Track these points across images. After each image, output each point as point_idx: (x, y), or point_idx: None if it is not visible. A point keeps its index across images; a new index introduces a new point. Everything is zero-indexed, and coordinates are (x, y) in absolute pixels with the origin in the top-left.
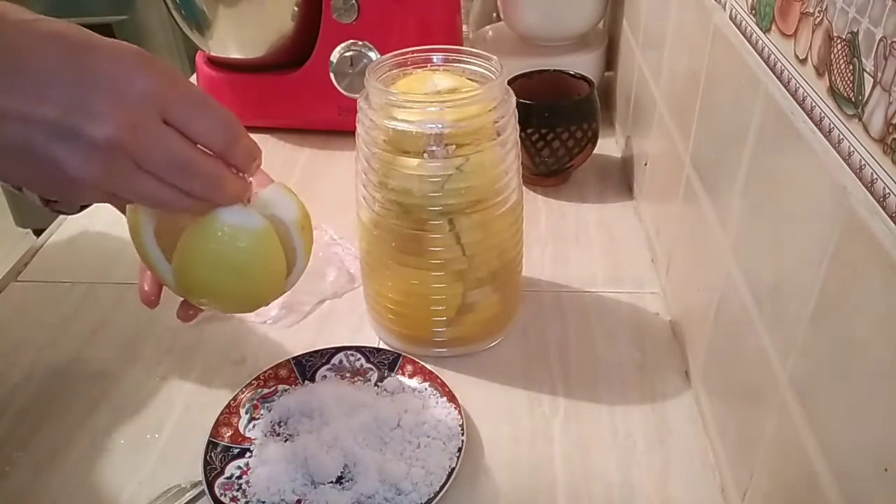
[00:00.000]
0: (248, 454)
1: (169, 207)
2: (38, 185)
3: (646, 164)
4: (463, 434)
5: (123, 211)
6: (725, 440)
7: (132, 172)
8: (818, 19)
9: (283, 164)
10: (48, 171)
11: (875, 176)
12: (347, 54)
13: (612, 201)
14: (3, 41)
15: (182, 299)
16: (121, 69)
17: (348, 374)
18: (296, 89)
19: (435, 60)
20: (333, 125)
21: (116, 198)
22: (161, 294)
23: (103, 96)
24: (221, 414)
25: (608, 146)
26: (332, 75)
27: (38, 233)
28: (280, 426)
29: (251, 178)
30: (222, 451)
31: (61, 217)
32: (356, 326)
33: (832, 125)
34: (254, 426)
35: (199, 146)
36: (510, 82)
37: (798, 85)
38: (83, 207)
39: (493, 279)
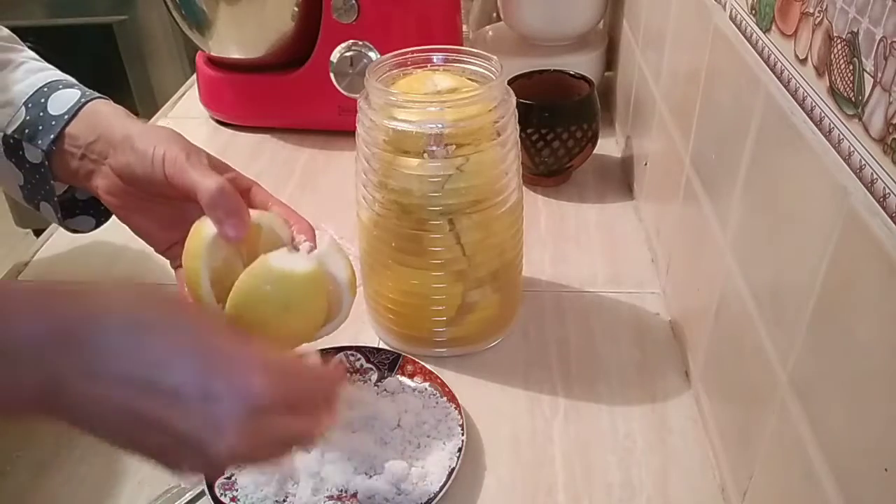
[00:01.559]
0: None
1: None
2: (156, 462)
3: (646, 164)
4: (463, 434)
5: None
6: (725, 440)
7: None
8: (818, 19)
9: (283, 164)
10: (168, 464)
11: (875, 176)
12: (347, 54)
13: (612, 201)
14: (146, 351)
15: None
16: (245, 382)
17: (348, 374)
18: (296, 89)
19: (435, 60)
20: (333, 125)
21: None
22: None
23: (229, 415)
24: None
25: (608, 146)
26: (332, 75)
27: (38, 233)
28: None
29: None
30: None
31: None
32: (356, 326)
33: (832, 125)
34: None
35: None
36: (510, 82)
37: (798, 85)
38: (99, 224)
39: (493, 279)
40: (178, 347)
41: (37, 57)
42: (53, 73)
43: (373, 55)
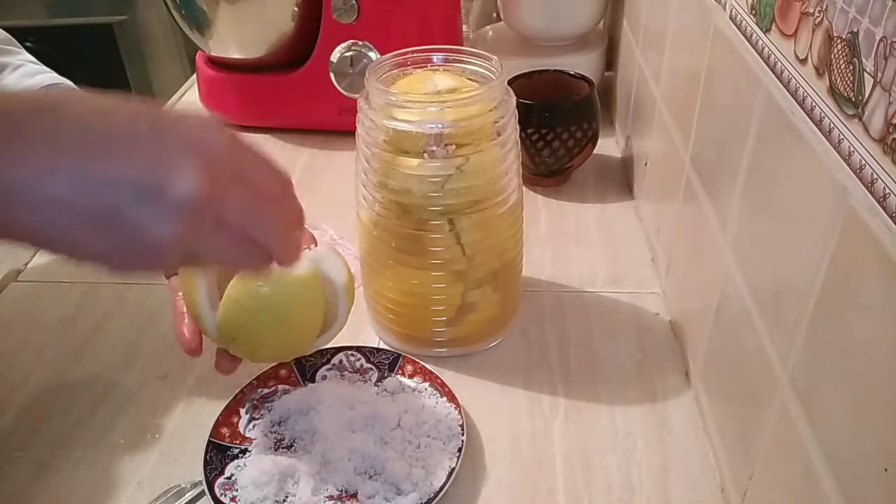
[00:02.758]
0: (248, 454)
1: (237, 265)
2: (115, 254)
3: (646, 164)
4: (463, 434)
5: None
6: (725, 440)
7: (211, 229)
8: (818, 19)
9: (283, 164)
10: (129, 236)
11: (875, 176)
12: (347, 54)
13: (612, 201)
14: (83, 109)
15: (219, 354)
16: (194, 130)
17: (348, 374)
18: (296, 89)
19: (435, 60)
20: (333, 125)
21: (190, 260)
22: (203, 342)
23: (183, 153)
24: (221, 414)
25: (608, 146)
26: (332, 75)
27: None
28: (280, 426)
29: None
30: (222, 451)
31: None
32: (356, 326)
33: (832, 125)
34: (254, 426)
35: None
36: (510, 82)
37: (798, 85)
38: None
39: (493, 279)
40: (110, 104)
41: (33, 59)
42: (50, 76)
43: (373, 55)
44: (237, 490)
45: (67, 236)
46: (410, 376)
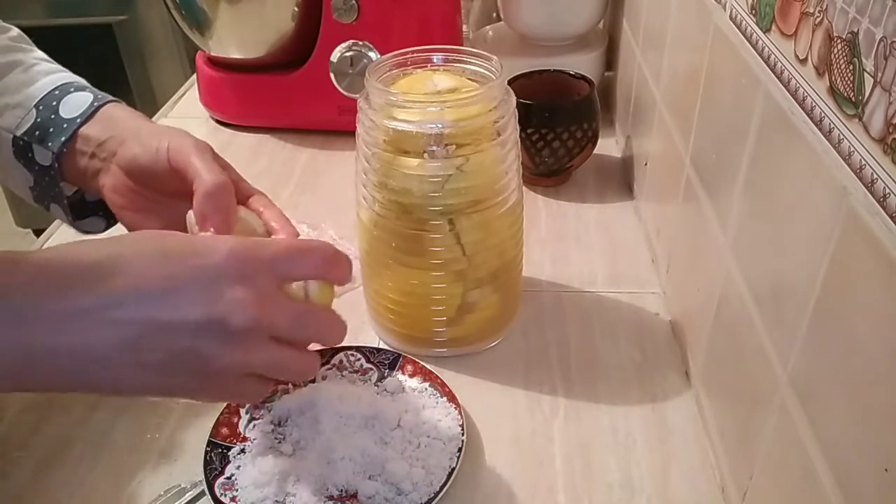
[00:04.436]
0: (248, 454)
1: (290, 372)
2: (185, 388)
3: (646, 164)
4: (463, 434)
5: None
6: (725, 440)
7: (265, 344)
8: (818, 19)
9: (283, 164)
10: (193, 368)
11: (875, 176)
12: (347, 54)
13: (612, 201)
14: (130, 276)
15: None
16: (224, 256)
17: (348, 374)
18: (296, 89)
19: (435, 60)
20: (333, 125)
21: (250, 377)
22: None
23: (229, 285)
24: (221, 414)
25: (608, 146)
26: (332, 75)
27: (38, 233)
28: (280, 426)
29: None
30: (222, 451)
31: None
32: (356, 326)
33: (832, 125)
34: (254, 426)
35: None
36: (510, 82)
37: (798, 85)
38: (110, 226)
39: (494, 279)
40: (145, 258)
41: (47, 57)
42: (65, 76)
43: (373, 55)
44: (237, 490)
45: (135, 389)
46: (410, 376)
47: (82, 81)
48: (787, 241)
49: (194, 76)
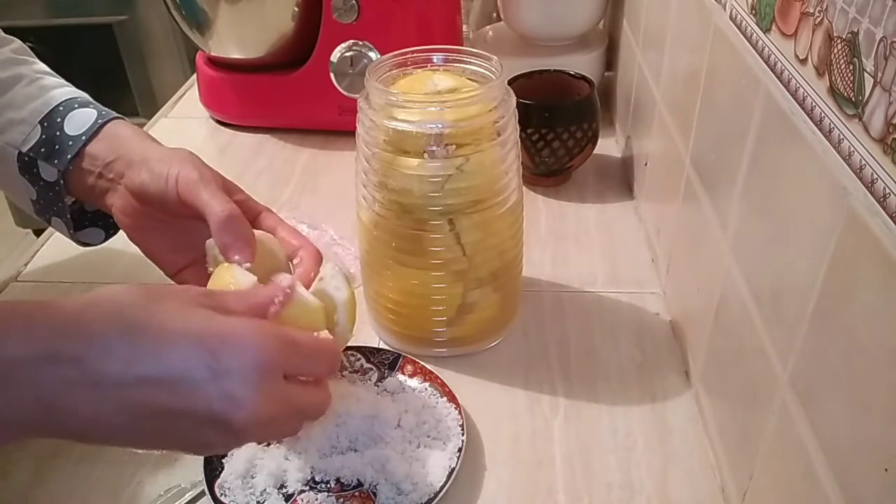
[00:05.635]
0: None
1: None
2: (182, 449)
3: (646, 164)
4: (463, 434)
5: None
6: (725, 440)
7: (263, 429)
8: (818, 19)
9: (283, 164)
10: (195, 446)
11: (875, 176)
12: (347, 54)
13: (612, 201)
14: (149, 352)
15: None
16: (248, 356)
17: (348, 374)
18: (296, 89)
19: (435, 60)
20: (333, 125)
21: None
22: None
23: (241, 385)
24: None
25: (608, 146)
26: (332, 75)
27: (38, 233)
28: None
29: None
30: None
31: None
32: (356, 327)
33: (832, 125)
34: None
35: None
36: (510, 82)
37: (798, 85)
38: (108, 237)
39: (494, 279)
40: (173, 336)
41: (49, 70)
42: (69, 90)
43: (373, 55)
44: (236, 490)
45: (137, 446)
46: (410, 376)
47: (86, 96)
48: (787, 241)
49: (194, 76)
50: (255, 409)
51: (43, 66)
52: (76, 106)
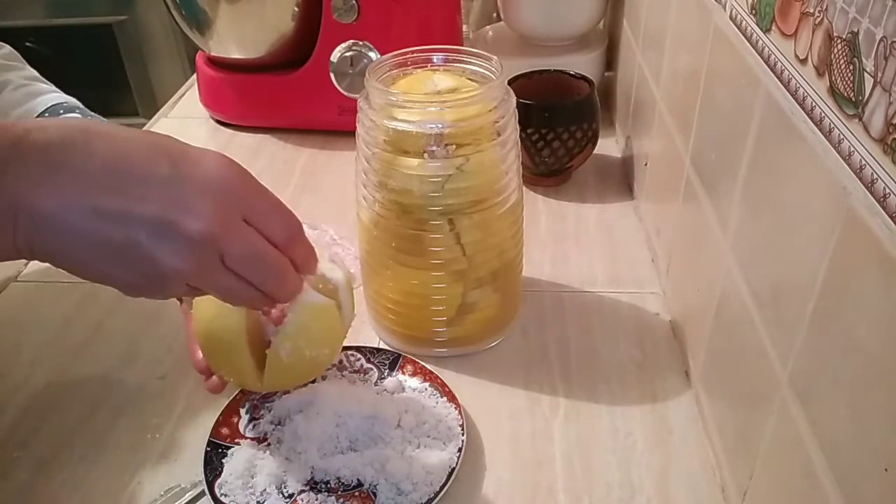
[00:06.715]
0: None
1: (236, 300)
2: (128, 281)
3: (646, 164)
4: (463, 434)
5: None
6: (725, 440)
7: (217, 266)
8: (818, 19)
9: (283, 164)
10: (143, 267)
11: (875, 176)
12: (347, 54)
13: (612, 201)
14: (110, 147)
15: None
16: (211, 171)
17: (348, 374)
18: (296, 89)
19: (435, 60)
20: (333, 125)
21: (196, 291)
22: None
23: (197, 194)
24: (221, 414)
25: (608, 146)
26: (332, 75)
27: None
28: (280, 426)
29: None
30: (222, 451)
31: None
32: (356, 326)
33: (832, 125)
34: (254, 426)
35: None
36: (510, 82)
37: (798, 85)
38: None
39: (494, 279)
40: (136, 141)
41: (37, 75)
42: (55, 96)
43: (373, 55)
44: (236, 490)
45: (86, 263)
46: (411, 376)
47: (72, 101)
48: (787, 241)
49: (194, 76)
50: (209, 223)
51: (32, 72)
52: (61, 111)
